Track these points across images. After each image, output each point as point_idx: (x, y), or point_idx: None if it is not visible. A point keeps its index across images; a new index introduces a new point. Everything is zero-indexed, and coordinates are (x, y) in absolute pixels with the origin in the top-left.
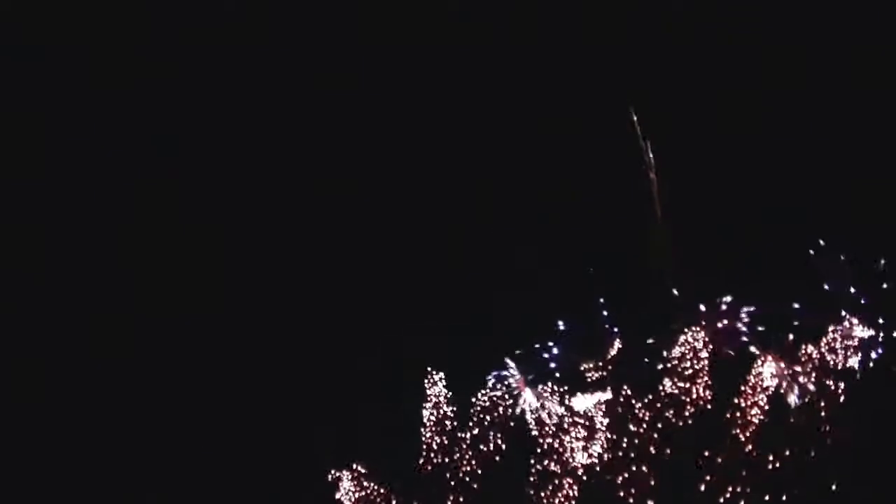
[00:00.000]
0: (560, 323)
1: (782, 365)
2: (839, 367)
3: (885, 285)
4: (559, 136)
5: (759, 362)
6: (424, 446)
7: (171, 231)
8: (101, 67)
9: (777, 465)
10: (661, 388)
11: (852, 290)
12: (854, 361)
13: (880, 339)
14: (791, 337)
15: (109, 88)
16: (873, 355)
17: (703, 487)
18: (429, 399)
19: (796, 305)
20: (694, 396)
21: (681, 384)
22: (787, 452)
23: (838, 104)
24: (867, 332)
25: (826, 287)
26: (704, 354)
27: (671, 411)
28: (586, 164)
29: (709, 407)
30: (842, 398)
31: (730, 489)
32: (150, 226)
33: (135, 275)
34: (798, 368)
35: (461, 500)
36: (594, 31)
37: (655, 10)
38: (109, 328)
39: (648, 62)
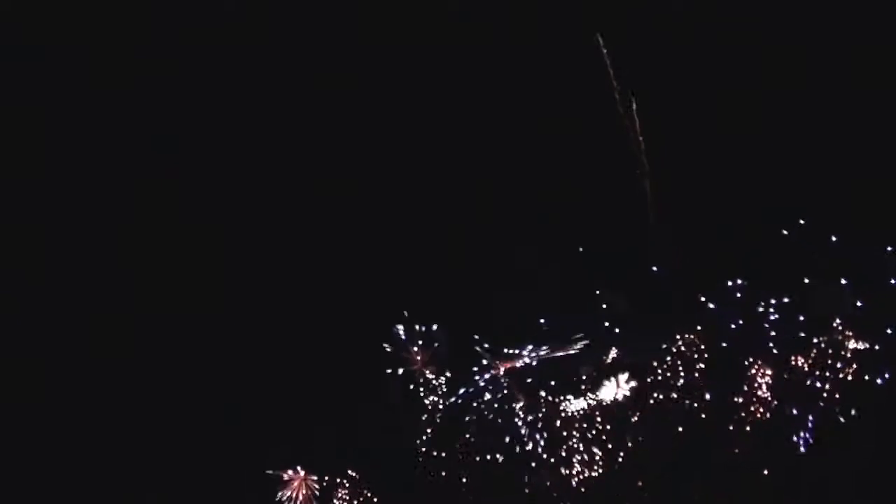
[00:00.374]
0: (557, 325)
1: (785, 376)
2: (828, 386)
3: (893, 280)
4: (559, 136)
5: (753, 371)
6: (420, 457)
7: (171, 231)
8: (101, 67)
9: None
10: (652, 399)
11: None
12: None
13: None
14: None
15: (109, 88)
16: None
17: (696, 498)
18: (427, 406)
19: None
20: (688, 405)
21: (674, 395)
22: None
23: (838, 104)
24: (862, 344)
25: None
26: (700, 364)
27: (664, 421)
28: (586, 164)
29: (703, 416)
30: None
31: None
32: (150, 226)
33: (135, 275)
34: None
35: None
36: (594, 30)
37: (655, 9)
38: (109, 328)
39: (648, 62)
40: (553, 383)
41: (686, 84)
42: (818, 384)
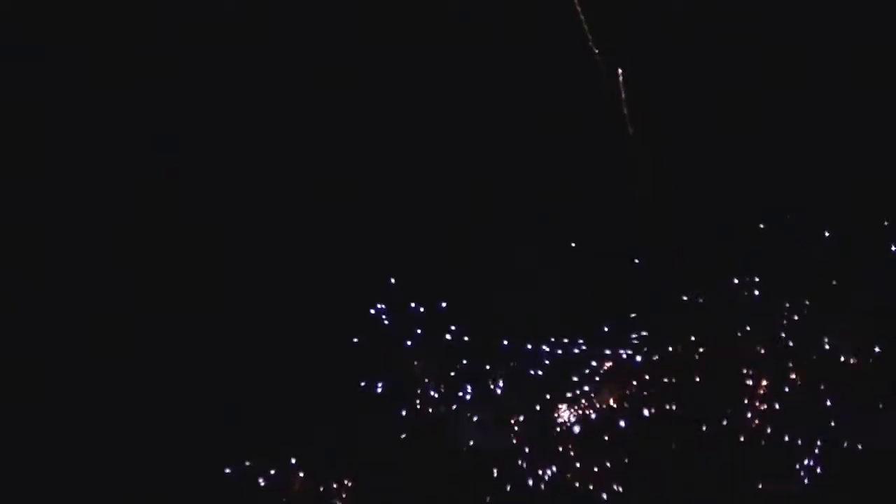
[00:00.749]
0: (554, 327)
1: (786, 389)
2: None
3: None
4: (559, 136)
5: (750, 382)
6: (415, 466)
7: (171, 231)
8: (101, 67)
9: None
10: (647, 411)
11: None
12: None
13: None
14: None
15: (109, 88)
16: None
17: None
18: (422, 415)
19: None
20: (684, 415)
21: (668, 407)
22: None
23: (838, 104)
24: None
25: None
26: (697, 376)
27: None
28: (586, 164)
29: (701, 428)
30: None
31: None
32: (150, 226)
33: (135, 275)
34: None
35: None
36: (594, 30)
37: (655, 9)
38: (109, 328)
39: (648, 62)
40: (548, 396)
41: (685, 84)
42: (828, 402)
